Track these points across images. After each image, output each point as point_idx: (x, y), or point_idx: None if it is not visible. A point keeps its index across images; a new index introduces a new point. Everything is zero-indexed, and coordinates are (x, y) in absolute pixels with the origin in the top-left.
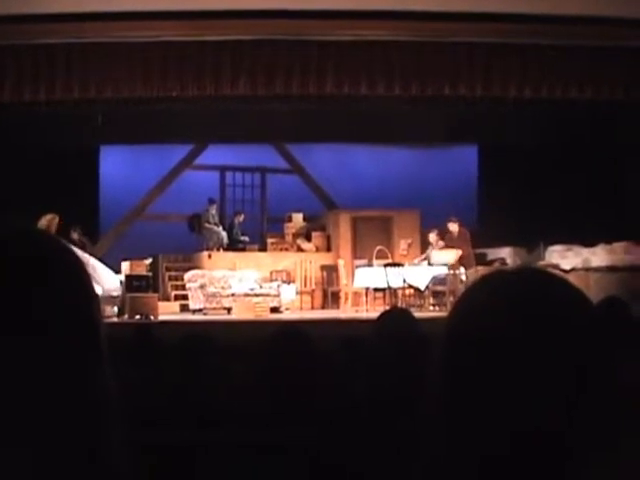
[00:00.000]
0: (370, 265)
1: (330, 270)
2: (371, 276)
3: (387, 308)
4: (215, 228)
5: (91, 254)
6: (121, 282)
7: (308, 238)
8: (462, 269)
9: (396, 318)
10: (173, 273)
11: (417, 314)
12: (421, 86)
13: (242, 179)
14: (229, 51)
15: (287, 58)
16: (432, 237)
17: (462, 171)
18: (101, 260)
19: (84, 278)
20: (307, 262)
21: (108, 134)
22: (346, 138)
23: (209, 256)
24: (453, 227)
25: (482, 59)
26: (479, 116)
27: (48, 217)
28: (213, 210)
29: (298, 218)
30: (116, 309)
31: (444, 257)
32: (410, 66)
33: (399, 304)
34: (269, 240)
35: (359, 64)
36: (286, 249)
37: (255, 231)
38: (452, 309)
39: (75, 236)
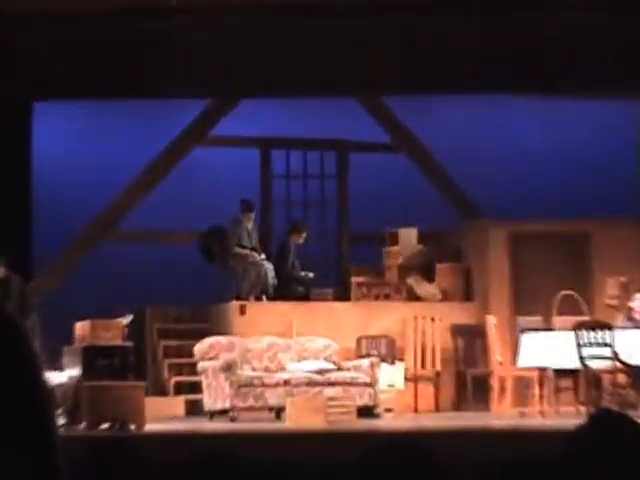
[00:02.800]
0: (548, 327)
1: (471, 336)
2: (549, 348)
3: (586, 408)
4: (253, 256)
5: (24, 309)
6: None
7: (428, 274)
8: None
9: (611, 430)
10: (173, 342)
11: None
12: None
13: (302, 164)
14: None
15: None
16: None
17: None
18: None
19: (33, 370)
20: (427, 321)
21: (50, 78)
22: (495, 86)
23: (242, 309)
24: None
25: None
26: None
27: None
28: (249, 222)
29: (409, 237)
30: (62, 412)
31: None
32: None
33: (606, 401)
34: (354, 279)
35: None
36: (386, 296)
37: (328, 261)
38: None
39: None
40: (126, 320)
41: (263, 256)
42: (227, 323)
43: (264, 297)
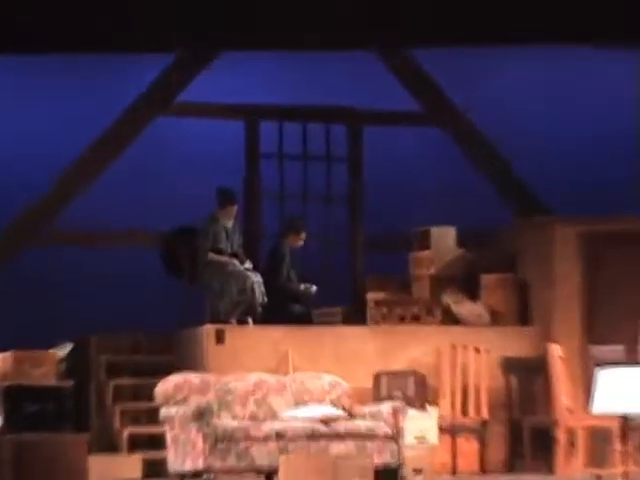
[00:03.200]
0: (632, 360)
1: (528, 372)
2: (635, 389)
3: None
4: (234, 264)
5: None
6: None
7: (470, 289)
8: None
9: None
10: (127, 381)
11: None
12: None
13: (301, 140)
14: None
15: None
16: None
17: None
18: None
19: None
20: (469, 352)
21: None
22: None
23: (219, 337)
24: None
25: None
26: None
27: None
28: (229, 219)
29: (444, 238)
30: None
31: None
32: None
33: None
34: (371, 296)
35: None
36: (414, 318)
37: (335, 271)
38: None
39: None
40: (63, 351)
41: (248, 264)
42: (199, 355)
43: (249, 320)
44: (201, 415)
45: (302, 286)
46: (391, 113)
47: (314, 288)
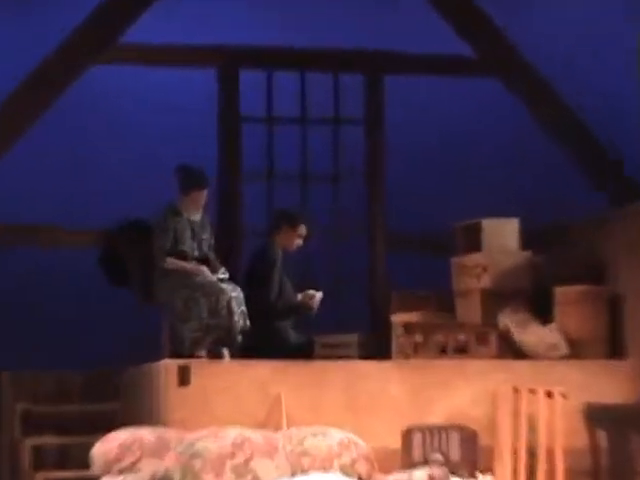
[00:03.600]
0: None
1: (622, 426)
2: None
3: None
4: (203, 273)
5: None
6: None
7: (540, 308)
8: None
9: None
10: (52, 439)
11: None
12: None
13: (298, 96)
14: None
15: None
16: None
17: None
18: None
19: None
20: (538, 397)
21: None
22: None
23: (182, 376)
24: None
25: None
26: None
27: None
28: (196, 211)
29: (502, 235)
30: None
31: None
32: None
33: None
34: (398, 318)
35: None
36: (461, 349)
37: (347, 282)
38: None
39: None
40: None
41: (223, 274)
42: (155, 402)
43: (225, 352)
44: None
45: (300, 296)
46: (427, 56)
47: (319, 296)
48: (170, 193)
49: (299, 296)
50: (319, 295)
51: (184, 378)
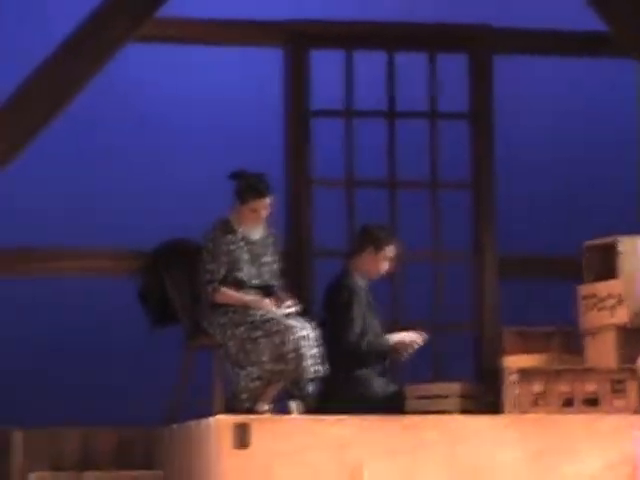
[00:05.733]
0: None
1: None
2: None
3: None
4: (265, 307)
5: None
6: None
7: None
8: None
9: None
10: None
11: None
12: None
13: (386, 85)
14: None
15: None
16: None
17: None
18: None
19: None
20: None
21: None
22: None
23: (240, 436)
24: None
25: None
26: None
27: None
28: (254, 227)
29: None
30: None
31: None
32: None
33: None
34: (511, 362)
35: None
36: (592, 401)
37: (446, 315)
38: None
39: None
40: None
41: (292, 307)
42: (205, 469)
43: (293, 406)
44: None
45: (391, 340)
46: (542, 34)
47: (418, 340)
48: (222, 206)
49: (389, 339)
50: (419, 338)
51: (242, 439)
